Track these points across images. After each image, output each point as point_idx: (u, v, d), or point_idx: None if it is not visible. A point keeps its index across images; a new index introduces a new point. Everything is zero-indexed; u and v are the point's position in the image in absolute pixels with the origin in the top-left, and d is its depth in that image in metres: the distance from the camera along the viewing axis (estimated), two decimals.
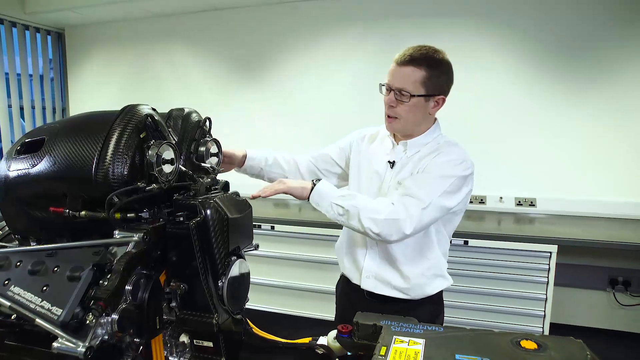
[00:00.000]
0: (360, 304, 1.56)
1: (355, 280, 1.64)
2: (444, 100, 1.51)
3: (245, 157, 1.70)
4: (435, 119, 1.59)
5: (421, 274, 1.55)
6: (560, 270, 2.79)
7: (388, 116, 1.53)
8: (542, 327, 2.78)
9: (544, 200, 3.41)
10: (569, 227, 3.07)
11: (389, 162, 1.59)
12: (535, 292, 2.77)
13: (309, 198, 1.44)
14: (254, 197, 1.42)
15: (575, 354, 1.02)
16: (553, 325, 2.83)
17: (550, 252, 2.70)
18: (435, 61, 1.46)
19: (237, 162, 1.69)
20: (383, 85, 1.52)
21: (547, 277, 2.74)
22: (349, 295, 1.70)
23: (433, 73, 1.45)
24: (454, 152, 1.49)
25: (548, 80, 3.31)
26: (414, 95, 1.45)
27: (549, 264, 2.72)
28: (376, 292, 1.59)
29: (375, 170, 1.61)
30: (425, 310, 1.58)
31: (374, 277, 1.58)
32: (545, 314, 2.77)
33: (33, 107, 4.44)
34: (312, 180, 1.46)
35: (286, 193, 1.45)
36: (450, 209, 1.46)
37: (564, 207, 3.36)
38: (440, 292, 1.63)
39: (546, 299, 2.75)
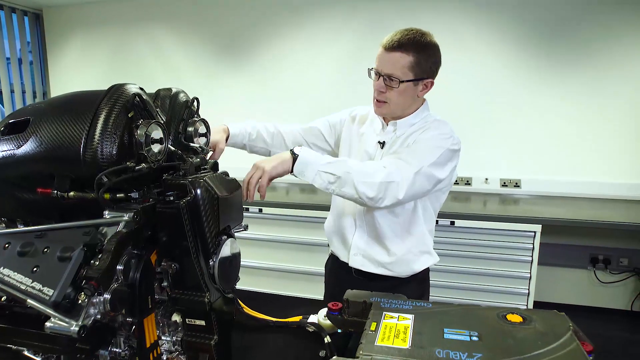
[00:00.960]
0: (348, 282, 1.58)
1: (343, 258, 1.67)
2: (432, 84, 1.53)
3: (228, 136, 1.65)
4: (424, 99, 1.60)
5: (408, 251, 1.58)
6: (544, 249, 2.86)
7: (377, 100, 1.53)
8: (526, 305, 2.85)
9: (529, 182, 3.46)
10: (552, 207, 3.13)
11: (379, 142, 1.60)
12: (519, 270, 2.84)
13: (292, 170, 1.38)
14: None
15: (558, 325, 1.06)
16: (536, 303, 2.91)
17: (535, 232, 2.76)
18: (423, 45, 1.46)
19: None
20: (372, 70, 1.52)
21: (532, 256, 2.80)
22: (338, 273, 1.73)
23: (421, 57, 1.45)
24: (442, 127, 1.51)
25: (533, 61, 3.33)
26: (403, 81, 1.46)
27: (533, 244, 2.78)
28: (364, 269, 1.61)
29: (365, 150, 1.62)
30: (411, 288, 1.61)
31: (362, 254, 1.61)
32: (529, 292, 2.84)
33: (12, 91, 4.33)
34: (291, 150, 1.37)
35: (270, 178, 1.37)
36: (439, 180, 1.46)
37: (547, 187, 3.42)
38: (427, 270, 1.66)
39: (530, 277, 2.82)
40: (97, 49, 4.42)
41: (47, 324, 0.82)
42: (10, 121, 1.03)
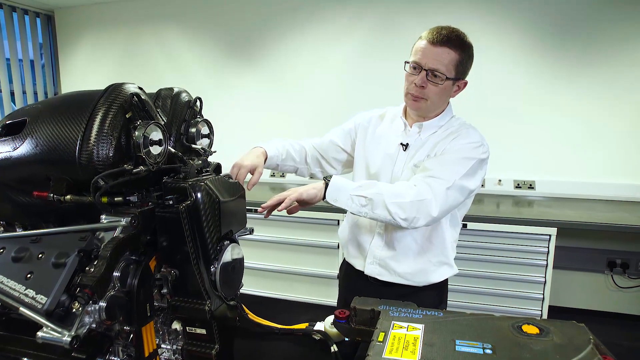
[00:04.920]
0: (363, 288, 1.53)
1: (358, 267, 1.60)
2: (465, 85, 1.48)
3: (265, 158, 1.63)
4: (449, 101, 1.55)
5: (427, 260, 1.52)
6: (559, 253, 2.78)
7: (414, 96, 1.45)
8: (541, 310, 2.77)
9: (543, 183, 3.38)
10: (568, 209, 3.05)
11: (401, 144, 1.53)
12: (534, 275, 2.76)
13: (324, 197, 1.37)
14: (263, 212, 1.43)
15: (577, 337, 1.00)
16: (551, 308, 2.82)
17: (550, 235, 2.68)
18: (466, 45, 1.42)
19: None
20: (409, 63, 1.44)
21: (546, 260, 2.72)
22: (352, 279, 1.66)
23: (464, 56, 1.41)
24: (473, 135, 1.45)
25: (547, 61, 3.25)
26: (448, 78, 1.40)
27: (548, 247, 2.70)
28: (380, 278, 1.55)
29: (387, 153, 1.55)
30: (429, 296, 1.54)
31: (379, 263, 1.54)
32: (544, 297, 2.76)
33: (24, 92, 4.36)
34: (324, 178, 1.38)
35: (300, 200, 1.38)
36: (471, 191, 1.42)
37: (563, 189, 3.33)
38: (445, 279, 1.60)
39: (545, 281, 2.74)
40: (107, 49, 4.44)
41: (39, 333, 0.79)
42: (7, 122, 1.00)
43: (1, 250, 0.93)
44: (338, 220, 3.01)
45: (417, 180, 1.37)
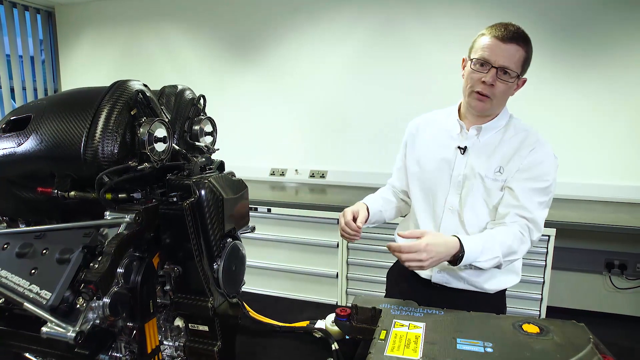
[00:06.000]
0: (426, 294, 1.50)
1: (424, 275, 1.54)
2: (524, 83, 1.46)
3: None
4: None
5: (498, 271, 1.47)
6: (558, 253, 2.79)
7: (480, 94, 1.39)
8: (539, 310, 2.78)
9: None
10: (566, 210, 3.06)
11: (458, 147, 1.48)
12: (533, 275, 2.77)
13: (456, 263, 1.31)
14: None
15: (577, 337, 1.01)
16: (550, 309, 2.83)
17: (549, 236, 2.69)
18: (529, 40, 1.40)
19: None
20: (473, 60, 1.39)
21: (545, 261, 2.73)
22: (412, 283, 1.59)
23: (529, 54, 1.40)
24: (546, 143, 1.44)
25: (546, 62, 3.26)
26: (518, 76, 1.39)
27: (547, 248, 2.71)
28: (448, 285, 1.51)
29: (443, 158, 1.50)
30: (494, 303, 1.53)
31: (447, 273, 1.50)
32: (542, 297, 2.77)
33: (24, 88, 4.35)
34: (460, 244, 1.28)
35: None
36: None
37: (561, 190, 3.34)
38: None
39: (544, 282, 2.75)
40: (108, 46, 4.43)
41: (44, 329, 0.79)
42: (12, 118, 1.01)
43: (5, 246, 0.93)
44: (337, 220, 3.01)
45: (520, 226, 1.37)
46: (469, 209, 1.46)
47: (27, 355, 1.05)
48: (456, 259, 1.28)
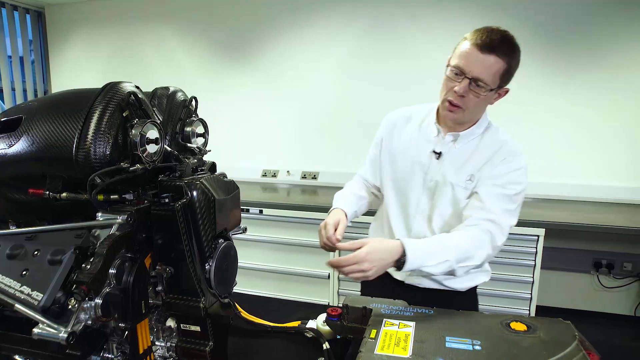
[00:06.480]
0: (398, 293, 1.45)
1: (397, 276, 1.55)
2: (507, 92, 1.40)
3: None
4: None
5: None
6: (547, 253, 2.82)
7: (452, 104, 1.35)
8: (529, 310, 2.82)
9: (532, 185, 3.39)
10: (556, 210, 3.10)
11: (434, 152, 1.46)
12: (522, 275, 2.80)
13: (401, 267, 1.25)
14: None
15: (563, 334, 1.03)
16: (539, 308, 2.86)
17: (538, 236, 2.72)
18: (516, 50, 1.32)
19: None
20: (450, 67, 1.34)
21: (535, 261, 2.76)
22: (385, 284, 1.56)
23: (512, 64, 1.32)
24: (520, 155, 1.40)
25: (537, 64, 3.30)
26: (492, 89, 1.32)
27: (536, 248, 2.74)
28: (420, 286, 1.52)
29: (418, 161, 1.48)
30: (466, 300, 1.54)
31: (419, 274, 1.48)
32: (531, 297, 2.80)
33: (13, 89, 4.32)
34: (403, 248, 1.22)
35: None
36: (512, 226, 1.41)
37: (551, 191, 3.38)
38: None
39: (533, 281, 2.78)
40: (99, 47, 4.41)
41: (35, 330, 0.79)
42: (2, 119, 1.00)
43: None
44: None
45: (482, 228, 1.32)
46: (439, 214, 1.46)
47: (16, 357, 1.04)
48: (400, 263, 1.22)
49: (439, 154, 1.45)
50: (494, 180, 1.37)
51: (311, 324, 1.40)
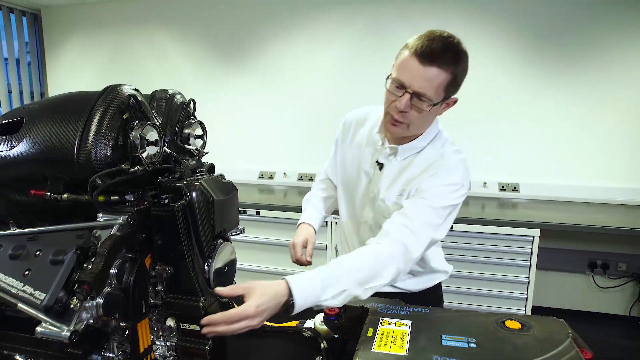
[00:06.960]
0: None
1: None
2: (455, 102, 1.29)
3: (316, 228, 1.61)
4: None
5: (421, 274, 1.52)
6: (542, 254, 2.85)
7: (395, 120, 1.25)
8: (524, 310, 2.84)
9: (527, 186, 3.45)
10: (551, 211, 3.12)
11: (377, 162, 1.39)
12: (518, 275, 2.82)
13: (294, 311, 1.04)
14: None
15: (557, 332, 1.05)
16: (535, 308, 2.89)
17: (533, 237, 2.75)
18: (461, 58, 1.21)
19: None
20: (390, 79, 1.23)
21: (530, 261, 2.79)
22: None
23: (458, 73, 1.21)
24: (453, 174, 1.28)
25: (532, 64, 3.33)
26: (435, 104, 1.21)
27: (531, 248, 2.77)
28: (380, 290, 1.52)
29: (364, 170, 1.43)
30: (427, 297, 1.55)
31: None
32: (527, 297, 2.83)
33: (10, 92, 4.32)
34: (288, 297, 1.00)
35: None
36: (436, 241, 1.27)
37: (546, 192, 3.41)
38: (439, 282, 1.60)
39: (528, 282, 2.81)
40: (95, 49, 4.41)
41: (38, 328, 0.80)
42: (4, 122, 1.02)
43: None
44: (326, 222, 3.04)
45: (391, 238, 1.18)
46: (378, 227, 1.33)
47: (17, 357, 1.05)
48: (289, 306, 1.01)
49: (381, 165, 1.38)
50: (420, 192, 1.27)
51: (309, 323, 1.41)
